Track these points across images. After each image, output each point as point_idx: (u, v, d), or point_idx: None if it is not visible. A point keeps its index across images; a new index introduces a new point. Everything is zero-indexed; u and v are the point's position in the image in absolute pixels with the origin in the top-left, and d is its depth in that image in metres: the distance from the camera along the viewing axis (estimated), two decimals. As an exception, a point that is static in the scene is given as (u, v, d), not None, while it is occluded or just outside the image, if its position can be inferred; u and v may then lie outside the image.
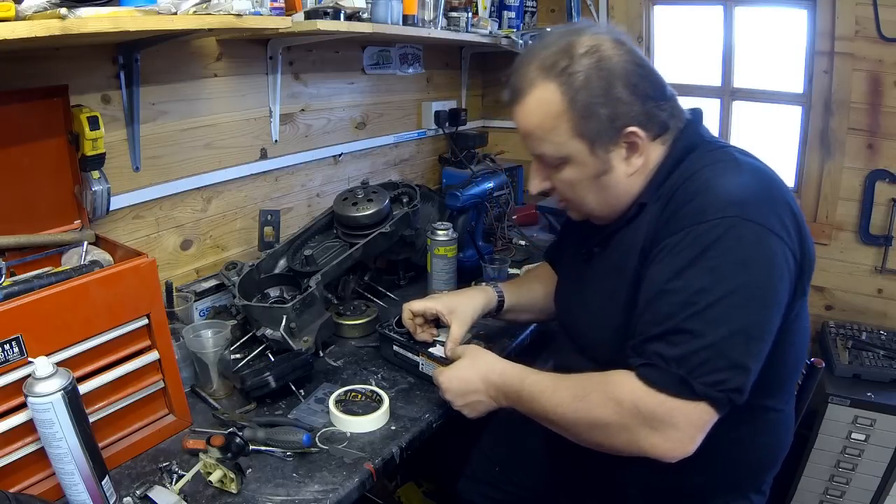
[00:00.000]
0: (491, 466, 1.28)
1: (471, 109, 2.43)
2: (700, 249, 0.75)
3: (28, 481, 0.82)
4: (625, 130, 0.84)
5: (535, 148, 0.90)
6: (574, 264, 1.05)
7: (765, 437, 0.91)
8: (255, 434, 0.95)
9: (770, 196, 0.79)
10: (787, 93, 1.96)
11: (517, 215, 2.12)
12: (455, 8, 1.79)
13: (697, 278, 0.75)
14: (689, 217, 0.78)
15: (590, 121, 0.83)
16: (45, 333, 0.79)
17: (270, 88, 1.56)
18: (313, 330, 1.17)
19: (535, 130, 0.88)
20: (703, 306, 0.73)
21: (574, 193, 0.92)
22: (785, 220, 0.77)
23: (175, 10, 0.94)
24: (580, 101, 0.83)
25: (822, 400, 1.61)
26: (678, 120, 0.90)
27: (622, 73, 0.83)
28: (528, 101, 0.87)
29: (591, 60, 0.82)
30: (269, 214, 1.49)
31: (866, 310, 1.89)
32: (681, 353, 0.74)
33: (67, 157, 1.08)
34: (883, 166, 1.78)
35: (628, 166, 0.88)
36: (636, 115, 0.84)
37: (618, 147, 0.86)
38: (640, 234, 0.86)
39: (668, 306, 0.76)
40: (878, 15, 1.67)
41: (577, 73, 0.82)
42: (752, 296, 0.74)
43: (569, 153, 0.87)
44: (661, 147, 0.89)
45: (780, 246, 0.76)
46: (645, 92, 0.84)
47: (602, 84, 0.82)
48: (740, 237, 0.75)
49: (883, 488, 1.62)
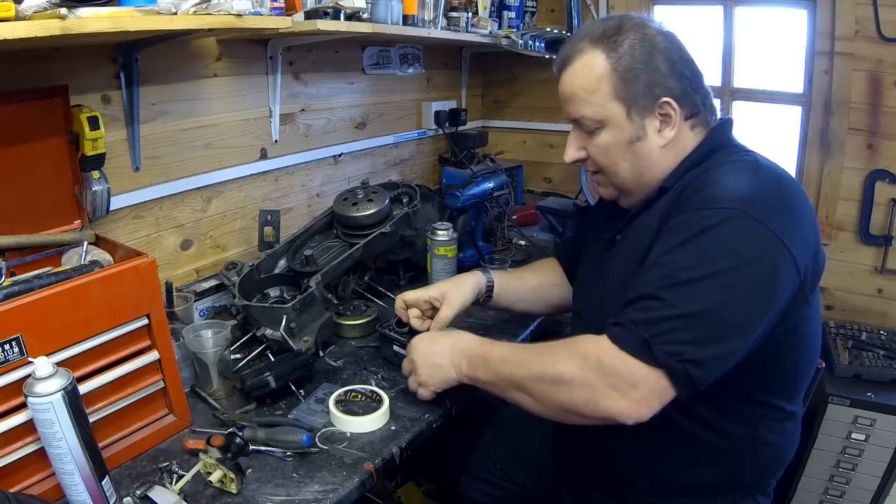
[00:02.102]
0: (491, 464, 1.29)
1: (471, 109, 2.43)
2: (696, 231, 0.78)
3: (28, 481, 0.82)
4: (660, 99, 0.89)
5: (576, 111, 0.94)
6: (596, 254, 1.06)
7: (774, 438, 0.91)
8: (255, 434, 0.95)
9: (781, 201, 0.80)
10: (787, 93, 1.96)
11: (517, 215, 2.12)
12: (455, 8, 1.79)
13: (686, 256, 0.77)
14: (697, 202, 0.81)
15: (629, 84, 0.89)
16: (45, 333, 0.79)
17: (270, 88, 1.56)
18: (313, 330, 1.17)
19: (579, 92, 0.93)
20: (683, 280, 0.76)
21: (608, 159, 0.95)
22: (793, 226, 0.78)
23: (175, 10, 0.94)
24: (622, 65, 0.88)
25: (822, 400, 1.61)
26: (709, 112, 0.95)
27: (663, 50, 0.89)
28: (574, 66, 0.93)
29: (637, 35, 0.89)
30: (269, 214, 1.49)
31: (866, 310, 1.89)
32: (648, 317, 0.76)
33: (67, 157, 1.08)
34: (883, 166, 1.78)
35: (660, 138, 0.91)
36: (672, 87, 0.89)
37: (652, 116, 0.90)
38: (654, 217, 0.89)
39: (651, 276, 0.79)
40: (878, 15, 1.67)
41: (622, 41, 0.89)
42: (734, 284, 0.75)
43: (607, 115, 0.91)
44: (692, 135, 0.93)
45: (779, 250, 0.76)
46: (682, 72, 0.90)
47: (644, 54, 0.88)
48: (738, 229, 0.76)
49: (883, 488, 1.62)
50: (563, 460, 1.12)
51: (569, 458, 1.09)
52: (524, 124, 2.48)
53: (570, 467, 1.10)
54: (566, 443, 1.08)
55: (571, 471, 1.10)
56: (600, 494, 1.02)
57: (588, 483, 1.05)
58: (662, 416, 0.78)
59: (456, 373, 0.98)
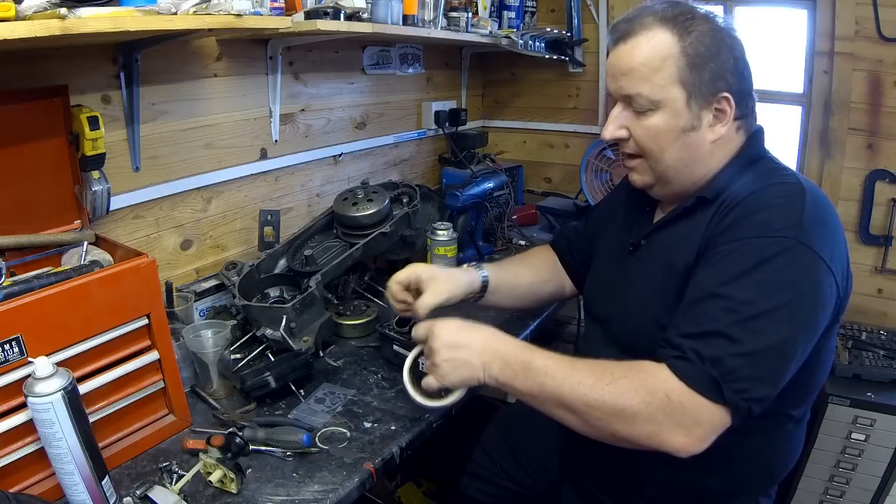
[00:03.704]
0: (492, 463, 1.29)
1: (471, 109, 2.43)
2: (755, 262, 0.77)
3: (28, 481, 0.82)
4: (720, 94, 0.86)
5: (632, 87, 0.88)
6: (616, 256, 1.04)
7: (783, 443, 0.92)
8: (255, 434, 0.95)
9: (828, 227, 0.81)
10: (787, 93, 1.96)
11: (517, 215, 2.12)
12: (455, 8, 1.79)
13: (747, 289, 0.76)
14: (750, 228, 0.80)
15: (696, 71, 0.85)
16: (45, 333, 0.79)
17: (270, 88, 1.56)
18: (313, 330, 1.17)
19: (640, 67, 0.87)
20: (747, 316, 0.75)
21: (655, 144, 0.90)
22: (836, 252, 0.79)
23: (175, 10, 0.94)
24: (692, 51, 0.85)
25: (822, 400, 1.61)
26: (753, 118, 0.93)
27: (731, 45, 0.87)
28: (638, 40, 0.87)
29: (709, 25, 0.86)
30: (269, 214, 1.49)
31: (866, 310, 1.89)
32: (717, 355, 0.74)
33: (67, 157, 1.07)
34: (883, 166, 1.78)
35: (712, 133, 0.89)
36: (733, 84, 0.86)
37: (708, 109, 0.87)
38: (696, 232, 0.87)
39: (713, 309, 0.77)
40: (878, 15, 1.67)
41: (694, 27, 0.85)
42: (795, 316, 0.76)
43: (666, 98, 0.87)
44: (737, 136, 0.91)
45: (827, 277, 0.77)
46: (742, 71, 0.88)
47: (714, 44, 0.85)
48: (795, 259, 0.76)
49: (883, 488, 1.62)
50: (568, 461, 1.12)
51: (574, 459, 1.09)
52: (524, 124, 2.48)
53: (575, 469, 1.09)
54: (572, 445, 1.07)
55: (575, 472, 1.10)
56: (604, 496, 1.02)
57: (592, 484, 1.05)
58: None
59: (483, 374, 0.87)
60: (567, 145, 2.40)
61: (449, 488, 1.40)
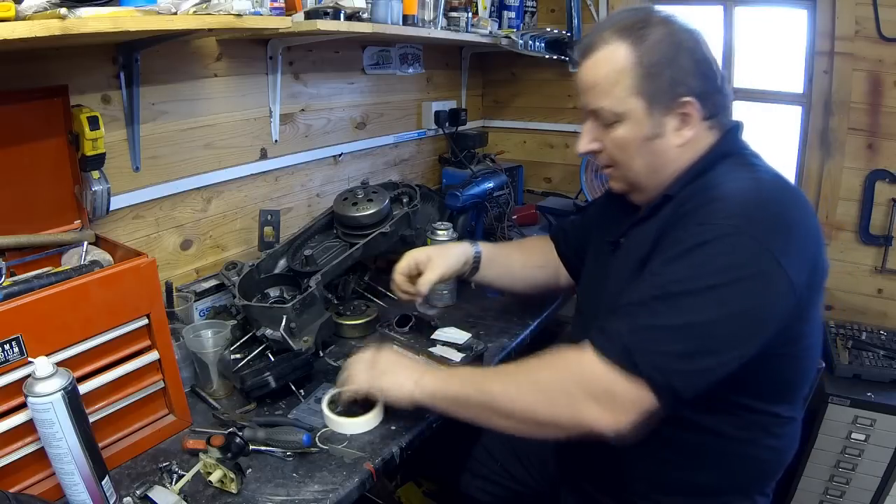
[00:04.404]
0: (493, 462, 1.29)
1: (471, 109, 2.43)
2: (692, 245, 0.77)
3: (28, 481, 0.82)
4: (682, 98, 0.87)
5: (595, 102, 0.91)
6: (601, 254, 1.06)
7: (773, 441, 0.92)
8: (255, 434, 0.95)
9: (783, 219, 0.79)
10: (787, 93, 1.96)
11: (517, 215, 2.11)
12: (455, 8, 1.79)
13: (679, 269, 0.77)
14: (696, 216, 0.80)
15: (652, 80, 0.86)
16: (45, 333, 0.79)
17: (270, 88, 1.56)
18: (313, 330, 1.17)
19: (600, 82, 0.90)
20: (674, 293, 0.75)
21: (623, 154, 0.93)
22: (792, 246, 0.77)
23: (175, 10, 0.94)
24: (647, 60, 0.86)
25: (822, 400, 1.61)
26: (725, 116, 0.93)
27: (689, 49, 0.87)
28: (597, 56, 0.90)
29: (664, 30, 0.87)
30: (269, 214, 1.49)
31: (866, 310, 1.89)
32: (633, 325, 0.75)
33: (67, 157, 1.07)
34: (883, 166, 1.78)
35: (678, 137, 0.90)
36: (695, 87, 0.87)
37: (672, 115, 0.88)
38: (654, 226, 0.88)
39: (643, 286, 0.79)
40: (878, 15, 1.67)
41: (649, 36, 0.86)
42: (725, 301, 0.74)
43: (626, 109, 0.89)
44: (708, 135, 0.92)
45: (775, 271, 0.75)
46: (705, 72, 0.88)
47: (670, 50, 0.86)
48: (734, 246, 0.76)
49: (883, 488, 1.62)
50: (562, 459, 1.13)
51: (567, 457, 1.10)
52: (524, 124, 2.48)
53: (569, 466, 1.10)
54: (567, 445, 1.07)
55: (570, 470, 1.10)
56: (599, 494, 1.02)
57: (587, 482, 1.05)
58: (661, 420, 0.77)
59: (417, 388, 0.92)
60: (567, 145, 2.40)
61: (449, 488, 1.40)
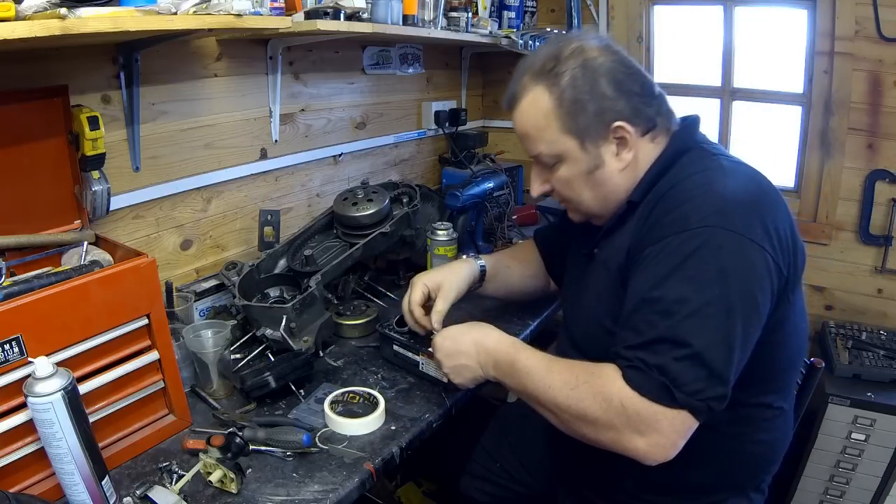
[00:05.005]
0: (492, 463, 1.29)
1: (471, 109, 2.43)
2: (681, 258, 0.77)
3: (28, 481, 0.82)
4: (613, 125, 0.88)
5: (532, 149, 0.95)
6: (577, 264, 1.07)
7: (764, 434, 0.91)
8: (255, 434, 0.95)
9: (754, 204, 0.80)
10: (786, 93, 1.96)
11: (517, 215, 2.11)
12: (455, 8, 1.79)
13: (677, 287, 0.76)
14: (671, 226, 0.80)
15: (577, 116, 0.88)
16: (45, 333, 0.79)
17: (270, 88, 1.56)
18: (313, 330, 1.17)
19: (530, 131, 0.93)
20: (683, 316, 0.75)
21: (571, 191, 0.96)
22: (769, 228, 0.78)
23: (175, 10, 0.94)
24: (567, 99, 0.87)
25: (822, 400, 1.61)
26: (666, 119, 0.93)
27: (606, 72, 0.87)
28: (521, 106, 0.93)
29: (577, 62, 0.87)
30: (269, 214, 1.49)
31: (866, 310, 1.89)
32: (663, 361, 0.74)
33: (67, 157, 1.07)
34: (883, 166, 1.78)
35: (619, 161, 0.91)
36: (622, 109, 0.87)
37: (607, 142, 0.89)
38: (626, 234, 0.89)
39: (650, 315, 0.78)
40: (878, 15, 1.67)
41: (562, 73, 0.87)
42: (731, 305, 0.75)
43: (561, 150, 0.91)
44: (652, 146, 0.92)
45: (760, 255, 0.77)
46: (629, 89, 0.88)
47: (587, 81, 0.87)
48: (720, 246, 0.76)
49: (883, 488, 1.62)
50: (557, 459, 1.13)
51: (562, 455, 1.10)
52: (524, 124, 2.48)
53: (564, 466, 1.10)
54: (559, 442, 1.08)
55: (565, 469, 1.10)
56: (594, 495, 1.02)
57: (582, 483, 1.05)
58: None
59: (483, 373, 0.97)
60: (567, 145, 2.40)
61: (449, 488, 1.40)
